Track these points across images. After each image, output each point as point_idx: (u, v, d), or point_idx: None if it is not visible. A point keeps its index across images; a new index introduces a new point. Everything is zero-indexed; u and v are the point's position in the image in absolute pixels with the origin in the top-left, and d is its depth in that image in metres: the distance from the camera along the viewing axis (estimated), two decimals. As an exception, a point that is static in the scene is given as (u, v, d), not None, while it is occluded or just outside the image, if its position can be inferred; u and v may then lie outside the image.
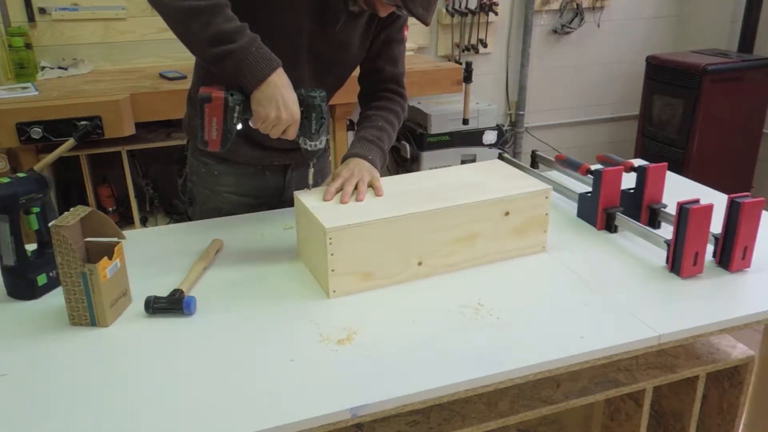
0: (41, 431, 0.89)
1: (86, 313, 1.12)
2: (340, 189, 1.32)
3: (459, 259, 1.30)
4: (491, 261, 1.33)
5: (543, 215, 1.35)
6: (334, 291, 1.21)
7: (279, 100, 1.21)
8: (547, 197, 1.34)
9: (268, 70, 1.21)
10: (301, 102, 1.25)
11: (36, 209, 1.22)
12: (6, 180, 1.18)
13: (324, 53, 1.44)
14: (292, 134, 1.26)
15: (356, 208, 1.26)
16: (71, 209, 1.14)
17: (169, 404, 0.94)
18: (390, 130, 1.52)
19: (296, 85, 1.27)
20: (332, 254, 1.18)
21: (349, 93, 1.64)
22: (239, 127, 1.25)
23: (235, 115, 1.22)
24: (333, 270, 1.19)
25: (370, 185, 1.34)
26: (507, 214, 1.31)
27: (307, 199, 1.30)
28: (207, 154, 1.54)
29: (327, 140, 1.33)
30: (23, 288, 1.22)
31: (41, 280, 1.23)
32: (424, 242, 1.25)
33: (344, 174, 1.35)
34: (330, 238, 1.17)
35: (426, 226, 1.25)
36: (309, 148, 1.30)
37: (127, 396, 0.95)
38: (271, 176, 1.62)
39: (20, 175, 1.22)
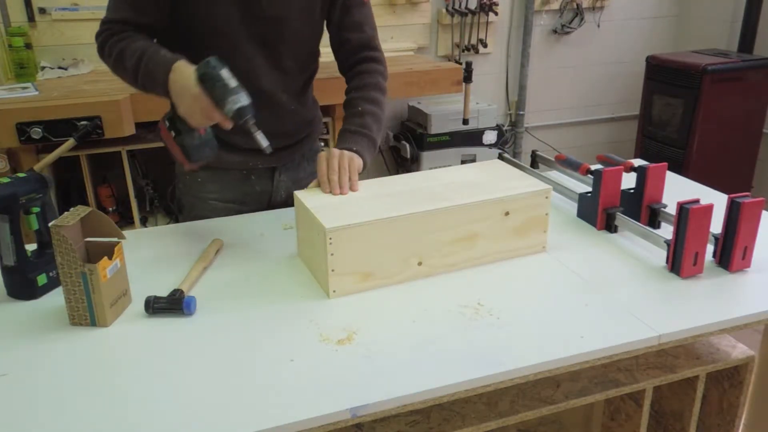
0: (41, 431, 0.89)
1: (86, 313, 1.12)
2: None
3: (459, 259, 1.30)
4: (491, 261, 1.33)
5: (543, 215, 1.35)
6: (334, 291, 1.21)
7: (181, 91, 1.23)
8: (547, 197, 1.34)
9: (162, 75, 1.25)
10: (200, 79, 1.21)
11: (36, 209, 1.22)
12: (6, 180, 1.18)
13: (264, 35, 1.42)
14: (216, 115, 1.22)
15: (356, 208, 1.25)
16: (71, 209, 1.14)
17: (169, 404, 0.93)
18: (373, 109, 1.49)
19: (254, 77, 1.36)
20: (332, 254, 1.18)
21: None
22: (194, 133, 1.28)
23: (178, 128, 1.28)
24: (333, 270, 1.19)
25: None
26: (507, 214, 1.31)
27: (307, 199, 1.29)
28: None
29: (245, 96, 1.23)
30: (23, 288, 1.22)
31: (41, 280, 1.23)
32: (424, 242, 1.25)
33: (323, 167, 1.33)
34: (330, 238, 1.17)
35: (426, 226, 1.25)
36: (233, 109, 1.21)
37: (127, 396, 0.95)
38: (258, 180, 1.60)
39: (20, 175, 1.21)
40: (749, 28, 3.54)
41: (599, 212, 1.46)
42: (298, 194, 1.33)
